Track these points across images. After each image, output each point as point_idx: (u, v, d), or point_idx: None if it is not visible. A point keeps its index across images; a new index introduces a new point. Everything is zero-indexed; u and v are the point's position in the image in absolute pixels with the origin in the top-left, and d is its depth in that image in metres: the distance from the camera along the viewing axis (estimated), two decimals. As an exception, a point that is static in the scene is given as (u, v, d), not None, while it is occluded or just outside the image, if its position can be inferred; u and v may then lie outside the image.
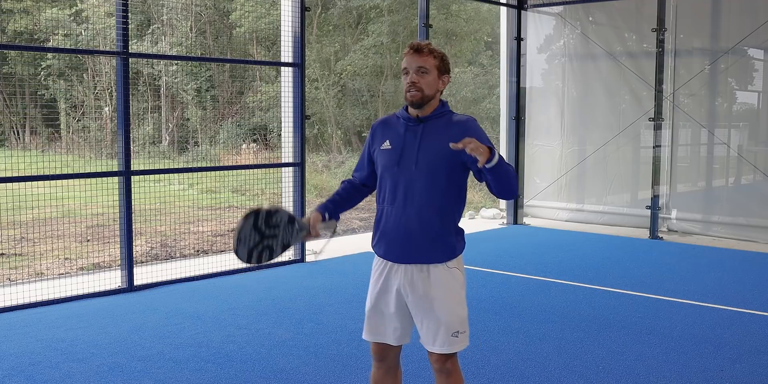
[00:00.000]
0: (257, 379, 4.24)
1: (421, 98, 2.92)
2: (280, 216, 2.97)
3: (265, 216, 2.95)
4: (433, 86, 2.93)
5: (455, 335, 2.93)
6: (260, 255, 2.97)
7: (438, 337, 2.94)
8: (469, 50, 21.10)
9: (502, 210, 10.68)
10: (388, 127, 3.06)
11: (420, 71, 2.91)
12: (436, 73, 2.94)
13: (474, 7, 20.04)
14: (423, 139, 2.95)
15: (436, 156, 2.91)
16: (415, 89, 2.90)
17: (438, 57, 2.94)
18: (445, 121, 2.98)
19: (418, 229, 2.93)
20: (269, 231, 2.96)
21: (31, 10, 20.25)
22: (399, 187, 2.96)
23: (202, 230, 9.95)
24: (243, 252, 2.95)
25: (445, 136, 2.91)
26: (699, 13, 9.23)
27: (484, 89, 19.31)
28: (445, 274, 2.95)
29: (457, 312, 2.95)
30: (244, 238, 2.94)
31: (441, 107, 3.00)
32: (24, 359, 4.53)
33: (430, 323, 2.95)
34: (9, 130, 19.72)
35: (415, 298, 2.96)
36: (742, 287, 6.51)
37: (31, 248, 8.41)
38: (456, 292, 2.96)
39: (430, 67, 2.91)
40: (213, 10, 20.58)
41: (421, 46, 2.92)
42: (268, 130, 17.87)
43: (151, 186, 7.78)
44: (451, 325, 2.93)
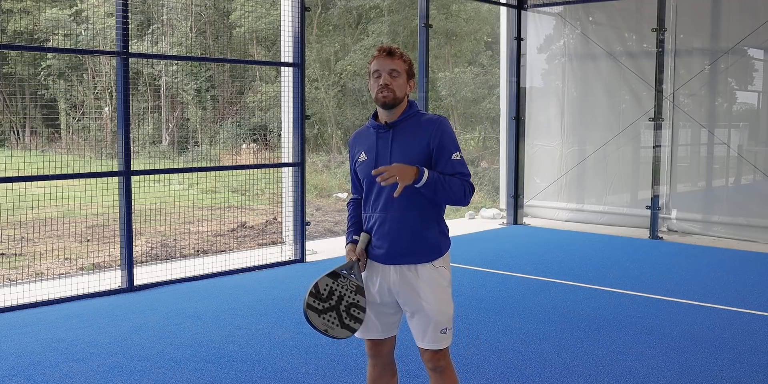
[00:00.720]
0: (257, 379, 4.24)
1: (393, 99, 2.99)
2: (323, 284, 3.00)
3: (315, 299, 2.95)
4: (403, 89, 3.02)
5: (443, 332, 3.04)
6: (353, 316, 3.01)
7: (427, 334, 3.04)
8: (469, 50, 21.10)
9: (502, 210, 10.69)
10: (361, 139, 3.15)
11: (392, 74, 3.00)
12: (405, 77, 3.04)
13: (474, 7, 20.04)
14: (393, 144, 3.03)
15: (407, 159, 2.97)
16: (388, 90, 2.98)
17: (407, 61, 3.06)
18: (414, 123, 3.04)
19: (402, 232, 3.02)
20: (333, 300, 2.99)
21: (31, 10, 20.25)
22: (381, 195, 3.04)
23: (202, 230, 9.95)
24: (341, 332, 2.98)
25: (415, 137, 3.00)
26: (699, 13, 9.23)
27: (484, 89, 19.31)
28: (433, 273, 3.04)
29: (444, 310, 3.04)
30: (328, 326, 2.95)
31: (408, 109, 3.07)
32: (24, 359, 4.53)
33: (421, 320, 3.04)
34: (9, 130, 19.72)
35: (405, 297, 3.05)
36: (742, 287, 6.51)
37: (31, 248, 8.41)
38: (443, 290, 3.05)
39: (401, 71, 3.02)
40: (213, 10, 20.58)
41: (393, 50, 3.04)
42: (268, 130, 17.87)
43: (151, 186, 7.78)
44: (440, 323, 3.03)
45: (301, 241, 7.49)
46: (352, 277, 3.04)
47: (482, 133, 19.40)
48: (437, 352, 3.06)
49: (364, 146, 3.11)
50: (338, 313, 2.98)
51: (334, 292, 2.99)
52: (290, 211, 7.50)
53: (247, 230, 10.02)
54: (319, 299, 2.96)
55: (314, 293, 2.96)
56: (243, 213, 11.42)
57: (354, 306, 3.02)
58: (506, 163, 10.49)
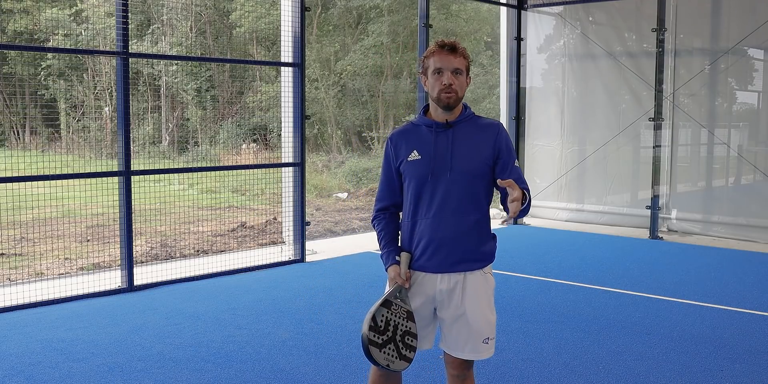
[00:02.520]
0: (257, 379, 4.24)
1: (456, 100, 2.86)
2: (379, 316, 2.81)
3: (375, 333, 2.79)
4: (464, 88, 2.88)
5: (486, 341, 2.90)
6: (408, 345, 2.85)
7: (468, 343, 2.90)
8: (469, 50, 20.99)
9: (502, 210, 10.67)
10: (411, 137, 2.94)
11: (456, 72, 2.84)
12: (466, 75, 2.90)
13: (474, 7, 20.04)
14: (455, 145, 2.87)
15: (471, 161, 2.84)
16: (452, 91, 2.83)
17: (467, 58, 2.90)
18: (473, 125, 2.91)
19: (459, 238, 2.86)
20: (389, 331, 2.82)
21: (31, 10, 20.24)
22: (435, 197, 2.87)
23: (202, 230, 9.95)
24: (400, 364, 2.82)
25: (476, 140, 2.87)
26: (699, 13, 9.23)
27: (484, 89, 19.31)
28: (481, 280, 2.92)
29: (488, 318, 2.91)
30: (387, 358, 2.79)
31: (465, 110, 2.94)
32: (24, 359, 4.53)
33: (462, 329, 2.90)
34: (9, 130, 19.72)
35: (450, 305, 2.91)
36: (742, 287, 6.51)
37: (31, 248, 8.41)
38: (488, 297, 2.93)
39: (463, 69, 2.86)
40: (213, 10, 20.58)
41: (456, 46, 2.84)
42: (268, 130, 17.87)
43: (151, 186, 7.78)
44: (483, 331, 2.89)
45: (301, 241, 7.49)
46: (403, 304, 2.87)
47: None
48: (471, 364, 2.94)
49: (415, 145, 2.90)
50: (395, 344, 2.81)
51: (390, 322, 2.81)
52: (290, 211, 7.50)
53: (247, 230, 10.02)
54: (378, 333, 2.77)
55: (374, 327, 2.76)
56: (243, 213, 11.42)
57: (408, 334, 2.85)
58: (506, 163, 10.48)
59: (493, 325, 2.92)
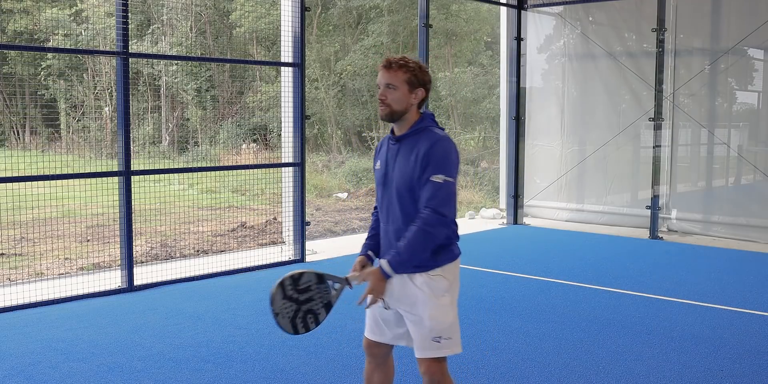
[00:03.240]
0: (257, 379, 4.24)
1: (390, 113, 2.97)
2: (308, 279, 2.95)
3: (291, 283, 2.92)
4: (402, 101, 2.96)
5: (436, 340, 2.96)
6: (305, 322, 2.95)
7: (419, 342, 3.00)
8: (469, 50, 21.09)
9: (502, 210, 10.69)
10: (382, 148, 3.13)
11: (388, 87, 2.96)
12: (407, 88, 2.95)
13: (474, 7, 20.04)
14: (397, 159, 3.00)
15: (403, 176, 2.97)
16: (384, 105, 2.97)
17: (409, 71, 2.95)
18: (417, 140, 2.97)
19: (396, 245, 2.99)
20: (303, 296, 2.94)
21: (31, 10, 20.25)
22: (384, 206, 3.08)
23: (202, 230, 9.95)
24: (286, 324, 2.91)
25: (411, 154, 2.96)
26: (699, 13, 9.23)
27: (484, 89, 19.31)
28: (428, 282, 2.99)
29: (439, 317, 2.97)
30: (281, 312, 2.90)
31: (419, 123, 3.00)
32: (24, 359, 4.53)
33: (413, 328, 3.01)
34: (9, 130, 19.72)
35: (403, 306, 3.04)
36: (742, 287, 6.51)
37: (31, 248, 8.41)
38: (437, 298, 2.99)
39: (398, 83, 2.94)
40: (213, 10, 20.58)
41: (390, 62, 2.96)
42: (268, 130, 17.87)
43: (151, 186, 7.78)
44: (432, 330, 2.96)
45: (301, 241, 7.49)
46: (332, 292, 3.00)
47: (482, 133, 19.39)
48: (430, 362, 2.99)
49: (381, 156, 3.10)
50: (296, 309, 2.92)
51: (309, 291, 2.95)
52: (290, 211, 7.50)
53: (247, 230, 10.02)
54: (294, 286, 2.92)
55: (296, 279, 2.92)
56: (243, 213, 11.42)
57: (312, 314, 2.96)
58: (506, 163, 10.49)
59: (447, 326, 2.98)
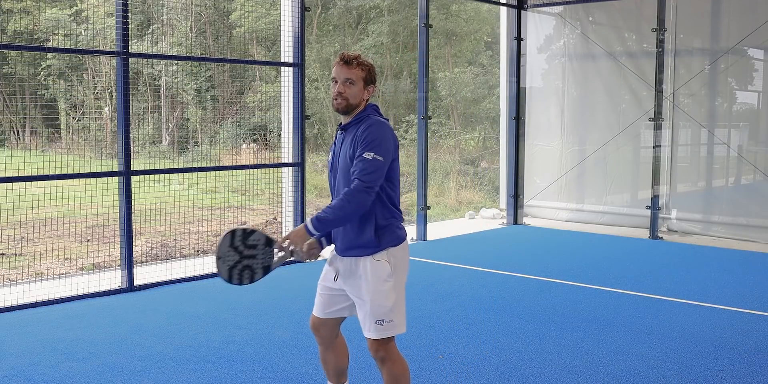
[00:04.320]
0: (257, 379, 4.24)
1: (346, 106, 3.20)
2: (257, 237, 3.12)
3: (242, 235, 3.08)
4: (357, 96, 3.20)
5: (379, 323, 3.18)
6: (241, 275, 3.14)
7: (365, 323, 3.22)
8: (469, 50, 21.09)
9: (502, 210, 10.69)
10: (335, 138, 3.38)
11: (347, 82, 3.18)
12: (362, 84, 3.20)
13: (474, 7, 20.04)
14: (342, 146, 3.24)
15: (345, 162, 3.20)
16: (341, 98, 3.18)
17: (366, 69, 3.20)
18: (358, 126, 3.21)
19: (344, 229, 3.24)
20: (247, 251, 3.12)
21: (31, 10, 20.24)
22: (333, 192, 3.31)
23: (202, 230, 9.95)
24: (224, 270, 3.09)
25: (351, 140, 3.20)
26: (699, 13, 9.23)
27: (484, 89, 19.31)
28: (373, 266, 3.20)
29: (380, 301, 3.18)
30: (224, 256, 3.07)
31: (361, 113, 3.23)
32: (24, 359, 4.53)
33: (360, 311, 3.25)
34: (9, 130, 19.71)
35: (349, 287, 3.28)
36: (742, 287, 6.51)
37: (31, 248, 8.41)
38: (381, 282, 3.19)
39: (356, 79, 3.18)
40: (213, 10, 20.58)
41: (350, 59, 3.18)
42: (268, 130, 17.87)
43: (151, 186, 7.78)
44: (376, 314, 3.18)
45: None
46: (275, 258, 3.18)
47: (482, 133, 19.39)
48: (375, 342, 3.21)
49: (332, 146, 3.37)
50: (237, 261, 3.10)
51: (254, 249, 3.12)
52: (290, 211, 7.50)
53: (247, 230, 10.01)
54: (242, 239, 3.08)
55: (247, 233, 3.09)
56: (243, 213, 11.41)
57: (249, 270, 3.14)
58: (506, 163, 10.49)
59: (388, 309, 3.17)
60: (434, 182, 15.15)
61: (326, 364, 3.56)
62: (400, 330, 3.22)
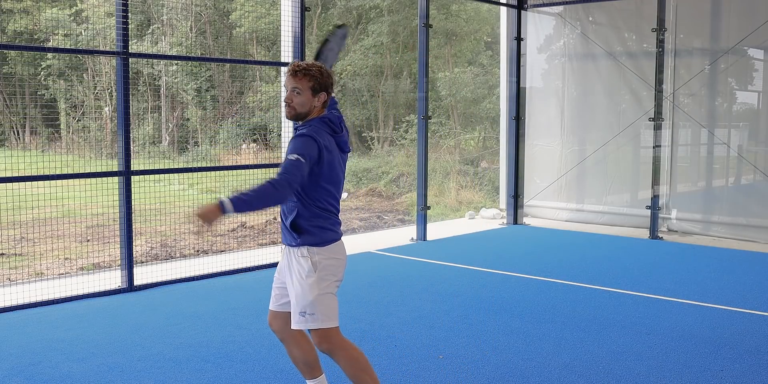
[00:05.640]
0: (257, 379, 4.24)
1: (294, 115, 3.34)
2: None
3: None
4: (306, 104, 3.31)
5: (302, 315, 3.34)
6: None
7: (293, 316, 3.39)
8: (469, 50, 21.09)
9: (502, 210, 10.69)
10: None
11: (294, 91, 3.29)
12: (310, 93, 3.30)
13: (474, 7, 20.04)
14: None
15: None
16: (289, 107, 3.32)
17: (313, 79, 3.28)
18: None
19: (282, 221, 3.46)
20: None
21: (31, 10, 20.25)
22: None
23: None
24: None
25: None
26: (699, 13, 9.23)
27: (484, 89, 19.31)
28: (297, 261, 3.41)
29: (301, 295, 3.35)
30: None
31: (308, 122, 3.35)
32: (24, 359, 4.53)
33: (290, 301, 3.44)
34: (9, 130, 19.72)
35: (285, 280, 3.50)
36: (742, 287, 6.51)
37: (31, 248, 8.41)
38: (303, 277, 3.36)
39: (303, 88, 3.29)
40: (213, 10, 20.58)
41: (296, 71, 3.28)
42: (268, 130, 17.87)
43: (151, 186, 7.78)
44: (298, 305, 3.35)
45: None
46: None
47: (482, 133, 19.39)
48: (314, 335, 3.36)
49: None
50: None
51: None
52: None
53: (247, 230, 10.02)
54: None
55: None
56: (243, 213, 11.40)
57: None
58: (506, 163, 10.49)
59: (308, 302, 3.32)
60: (434, 182, 15.15)
61: (295, 360, 3.63)
62: (325, 324, 3.33)
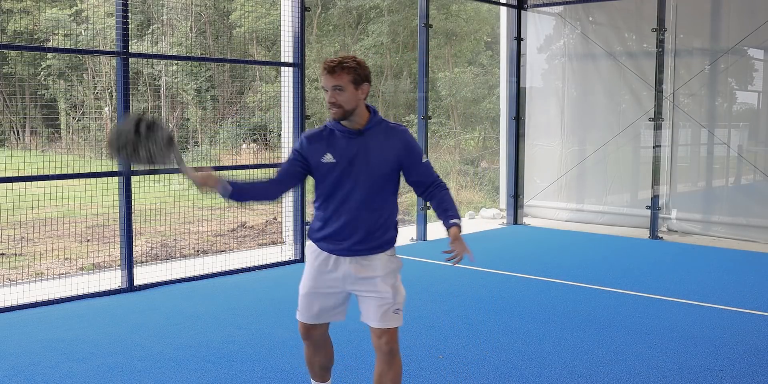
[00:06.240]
0: (257, 379, 4.24)
1: (343, 114, 3.18)
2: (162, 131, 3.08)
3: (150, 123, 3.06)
4: (352, 100, 3.17)
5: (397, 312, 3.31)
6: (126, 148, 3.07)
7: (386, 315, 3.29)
8: (469, 50, 21.09)
9: (502, 210, 10.68)
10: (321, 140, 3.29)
11: (336, 90, 3.14)
12: (353, 87, 3.16)
13: (474, 7, 20.04)
14: (368, 151, 3.24)
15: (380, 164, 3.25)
16: (335, 107, 3.17)
17: (352, 71, 3.15)
18: (383, 130, 3.28)
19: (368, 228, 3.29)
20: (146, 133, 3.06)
21: (31, 10, 20.24)
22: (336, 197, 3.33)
23: (202, 230, 9.95)
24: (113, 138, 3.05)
25: (386, 143, 3.26)
26: (699, 13, 9.23)
27: (484, 89, 19.31)
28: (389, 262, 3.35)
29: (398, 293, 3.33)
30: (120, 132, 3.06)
31: (374, 116, 3.27)
32: (24, 359, 4.53)
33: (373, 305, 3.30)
34: (9, 130, 19.71)
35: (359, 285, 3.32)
36: (742, 287, 6.51)
37: (31, 248, 8.41)
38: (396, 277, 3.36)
39: (344, 84, 3.14)
40: (213, 10, 20.57)
41: (333, 68, 3.13)
42: (268, 130, 17.87)
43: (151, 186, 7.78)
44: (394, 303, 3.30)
45: (301, 241, 7.49)
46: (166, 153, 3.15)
47: (482, 133, 19.39)
48: (391, 333, 3.28)
49: (328, 148, 3.27)
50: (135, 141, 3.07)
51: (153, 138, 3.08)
52: (290, 211, 7.50)
53: (247, 230, 10.02)
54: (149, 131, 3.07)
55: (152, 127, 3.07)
56: (243, 213, 11.41)
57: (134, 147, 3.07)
58: (506, 163, 10.49)
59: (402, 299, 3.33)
60: (434, 182, 15.12)
61: (312, 364, 3.61)
62: None
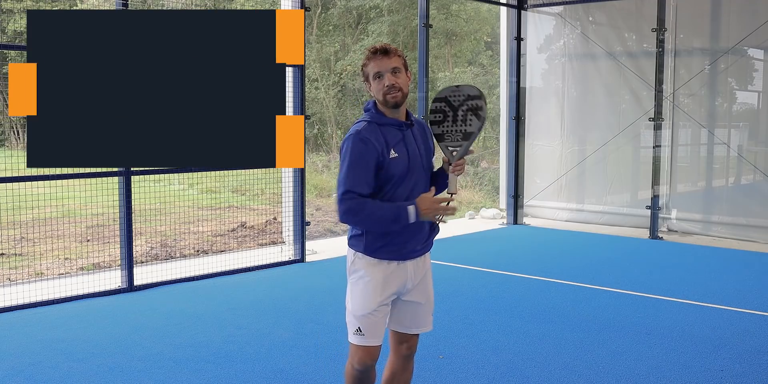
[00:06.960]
0: (257, 379, 4.24)
1: (403, 97, 3.02)
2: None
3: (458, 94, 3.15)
4: (407, 84, 3.04)
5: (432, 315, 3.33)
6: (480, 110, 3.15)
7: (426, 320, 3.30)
8: (469, 50, 21.09)
9: (502, 210, 10.68)
10: (379, 136, 3.02)
11: (395, 72, 2.99)
12: (405, 71, 3.04)
13: (474, 7, 20.04)
14: (417, 143, 3.12)
15: (428, 156, 3.19)
16: (396, 90, 2.98)
17: (402, 56, 3.05)
18: (417, 123, 3.19)
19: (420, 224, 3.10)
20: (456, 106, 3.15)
21: (31, 10, 20.21)
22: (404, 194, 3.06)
23: (202, 230, 9.95)
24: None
25: (423, 137, 3.19)
26: (699, 13, 9.23)
27: (484, 89, 19.30)
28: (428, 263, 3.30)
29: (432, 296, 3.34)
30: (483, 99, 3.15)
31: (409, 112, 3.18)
32: (24, 359, 4.53)
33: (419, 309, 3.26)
34: (9, 130, 19.72)
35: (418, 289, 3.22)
36: (742, 287, 6.51)
37: (31, 248, 8.41)
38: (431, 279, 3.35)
39: (401, 66, 3.02)
40: (213, 10, 20.55)
41: (388, 49, 2.99)
42: (268, 130, 17.83)
43: (151, 186, 7.79)
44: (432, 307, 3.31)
45: (301, 241, 7.49)
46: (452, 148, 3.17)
47: (482, 133, 19.39)
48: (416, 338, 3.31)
49: (389, 143, 3.03)
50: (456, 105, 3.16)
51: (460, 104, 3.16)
52: (290, 211, 7.50)
53: (247, 230, 10.02)
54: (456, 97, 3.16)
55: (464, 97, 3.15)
56: (243, 213, 11.41)
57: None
58: (506, 163, 10.49)
59: None
60: (434, 182, 15.12)
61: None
62: None
